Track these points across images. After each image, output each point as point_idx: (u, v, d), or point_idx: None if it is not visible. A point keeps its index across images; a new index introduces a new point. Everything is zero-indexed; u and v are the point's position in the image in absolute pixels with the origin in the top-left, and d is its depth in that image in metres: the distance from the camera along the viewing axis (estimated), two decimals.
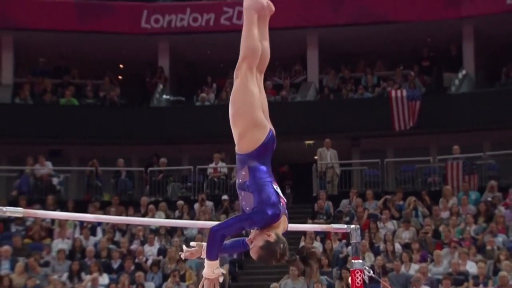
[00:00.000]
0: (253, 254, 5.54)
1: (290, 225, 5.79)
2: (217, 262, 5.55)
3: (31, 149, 21.67)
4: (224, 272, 5.66)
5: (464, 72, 22.61)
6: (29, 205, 18.65)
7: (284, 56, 22.75)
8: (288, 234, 5.54)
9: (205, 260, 5.51)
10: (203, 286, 5.55)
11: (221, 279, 5.62)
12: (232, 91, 5.67)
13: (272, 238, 5.43)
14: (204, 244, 5.73)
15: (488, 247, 16.52)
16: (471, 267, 15.95)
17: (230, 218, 5.70)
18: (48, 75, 23.93)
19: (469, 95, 22.28)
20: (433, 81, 22.98)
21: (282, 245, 5.45)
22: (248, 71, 5.63)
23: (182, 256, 5.97)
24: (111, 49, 24.04)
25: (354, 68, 23.84)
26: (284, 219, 5.55)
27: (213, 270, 5.52)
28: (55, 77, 23.98)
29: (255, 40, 5.78)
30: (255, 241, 5.51)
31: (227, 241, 5.82)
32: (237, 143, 5.63)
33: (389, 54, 23.49)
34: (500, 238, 16.81)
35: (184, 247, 5.98)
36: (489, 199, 18.43)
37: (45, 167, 21.25)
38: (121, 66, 25.66)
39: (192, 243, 5.95)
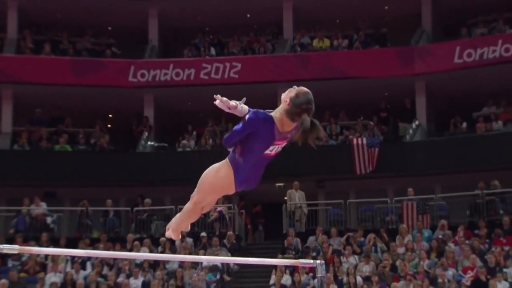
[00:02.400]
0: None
1: (262, 259, 5.78)
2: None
3: (28, 191, 21.50)
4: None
5: (417, 122, 22.78)
6: (25, 242, 18.50)
7: (258, 106, 22.83)
8: (259, 268, 5.52)
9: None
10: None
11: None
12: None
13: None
14: (240, 104, 5.62)
15: (440, 280, 16.52)
16: None
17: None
18: (44, 124, 23.83)
19: (421, 143, 22.42)
20: (390, 130, 23.10)
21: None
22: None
23: (216, 100, 5.65)
24: (101, 100, 24.05)
25: (320, 118, 23.78)
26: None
27: None
28: (50, 126, 23.88)
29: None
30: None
31: None
32: None
33: (351, 106, 23.62)
34: (450, 272, 16.84)
35: (222, 98, 5.63)
36: (440, 236, 18.48)
37: (40, 207, 21.09)
38: (110, 115, 25.62)
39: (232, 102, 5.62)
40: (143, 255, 15.60)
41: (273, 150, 5.48)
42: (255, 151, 5.37)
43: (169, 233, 5.86)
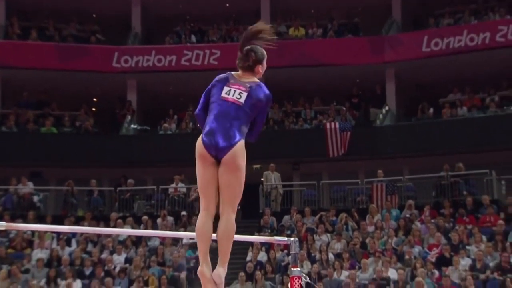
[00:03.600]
0: None
1: (239, 236, 5.70)
2: None
3: (15, 171, 21.38)
4: None
5: (387, 108, 22.88)
6: (12, 219, 18.37)
7: None
8: (236, 244, 5.47)
9: None
10: None
11: None
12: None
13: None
14: None
15: (407, 257, 16.64)
16: (392, 274, 16.05)
17: None
18: (31, 107, 23.68)
19: (391, 128, 22.52)
20: (361, 115, 23.18)
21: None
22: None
23: None
24: (86, 85, 23.90)
25: (295, 104, 23.96)
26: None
27: None
28: (37, 108, 23.73)
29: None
30: None
31: None
32: None
33: (325, 92, 23.66)
34: (417, 249, 16.95)
35: None
36: (408, 215, 18.59)
37: (27, 187, 20.97)
38: (95, 99, 25.49)
39: None
40: (126, 231, 15.56)
41: (229, 93, 5.07)
42: (213, 102, 5.05)
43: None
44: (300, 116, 23.28)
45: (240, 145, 4.97)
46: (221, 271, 5.15)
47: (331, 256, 17.12)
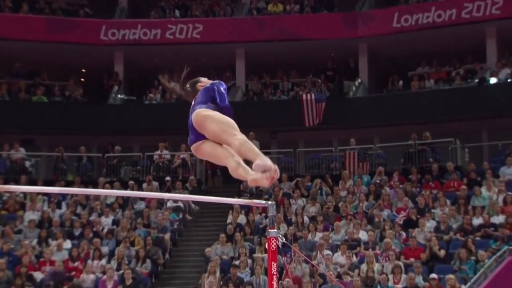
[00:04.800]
0: None
1: (220, 199, 5.76)
2: None
3: (8, 138, 21.21)
4: None
5: (359, 80, 22.90)
6: (5, 183, 18.24)
7: (217, 65, 22.77)
8: (217, 208, 5.49)
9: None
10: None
11: None
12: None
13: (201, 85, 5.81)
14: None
15: (376, 219, 16.80)
16: (363, 235, 16.20)
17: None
18: (23, 77, 23.47)
19: (363, 99, 22.57)
20: (335, 87, 23.18)
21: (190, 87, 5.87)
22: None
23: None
24: (75, 56, 23.68)
25: (274, 76, 23.92)
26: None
27: None
28: (28, 78, 23.52)
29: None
30: None
31: None
32: None
33: (301, 65, 23.62)
34: (386, 212, 17.10)
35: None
36: (378, 181, 18.72)
37: (19, 152, 20.85)
38: (83, 70, 25.26)
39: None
40: (114, 192, 15.53)
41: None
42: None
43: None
44: (278, 87, 23.26)
45: (196, 113, 5.49)
46: (258, 161, 5.06)
47: (306, 219, 17.23)
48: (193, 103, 5.73)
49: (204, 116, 5.44)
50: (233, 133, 5.31)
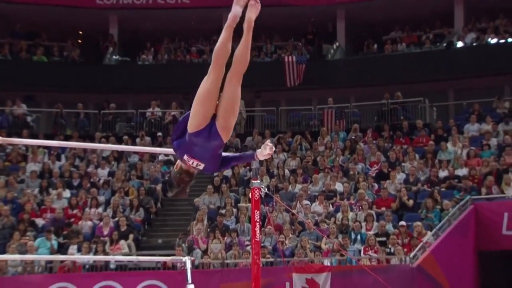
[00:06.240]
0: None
1: None
2: None
3: (10, 94, 21.02)
4: None
5: (337, 44, 22.79)
6: (8, 136, 18.08)
7: (206, 29, 22.53)
8: None
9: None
10: None
11: None
12: None
13: (176, 167, 5.03)
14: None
15: (351, 172, 16.86)
16: (339, 187, 16.28)
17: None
18: (24, 37, 23.15)
19: (340, 61, 22.49)
20: (315, 50, 23.08)
21: (178, 175, 4.95)
22: (211, 71, 4.73)
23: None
24: (73, 19, 23.34)
25: (258, 39, 23.71)
26: (192, 170, 4.96)
27: None
28: (29, 39, 23.19)
29: (222, 44, 4.80)
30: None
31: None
32: None
33: (284, 29, 23.44)
34: (360, 166, 17.17)
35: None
36: (353, 137, 18.77)
37: (21, 108, 20.67)
38: (80, 32, 24.97)
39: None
40: (108, 146, 15.43)
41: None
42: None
43: None
44: (262, 50, 23.10)
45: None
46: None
47: (287, 171, 17.28)
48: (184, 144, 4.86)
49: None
50: (210, 73, 4.71)
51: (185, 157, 4.83)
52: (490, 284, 13.95)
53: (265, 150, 5.13)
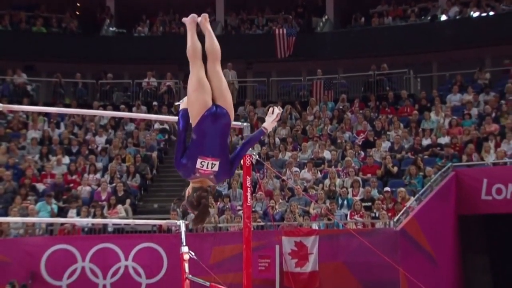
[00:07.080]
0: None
1: None
2: None
3: (11, 64, 20.80)
4: None
5: (326, 17, 22.61)
6: (9, 104, 18.00)
7: (199, 1, 22.27)
8: None
9: None
10: None
11: None
12: None
13: (187, 193, 4.80)
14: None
15: (339, 141, 16.87)
16: (327, 154, 16.29)
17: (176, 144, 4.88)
18: (23, 9, 22.85)
19: (329, 34, 22.33)
20: (305, 23, 22.90)
21: (194, 194, 4.69)
22: (192, 66, 4.71)
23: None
24: None
25: (250, 12, 23.54)
26: (203, 180, 4.75)
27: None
28: (28, 10, 22.90)
29: (191, 43, 4.78)
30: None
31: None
32: None
33: (275, 2, 23.25)
34: (347, 134, 17.17)
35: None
36: (341, 107, 18.73)
37: (21, 78, 20.49)
38: (78, 4, 24.70)
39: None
40: (105, 112, 15.31)
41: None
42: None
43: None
44: (253, 23, 22.92)
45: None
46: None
47: (277, 140, 17.27)
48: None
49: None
50: (192, 66, 4.71)
51: (198, 162, 4.65)
52: (470, 246, 14.08)
53: (272, 116, 5.30)
